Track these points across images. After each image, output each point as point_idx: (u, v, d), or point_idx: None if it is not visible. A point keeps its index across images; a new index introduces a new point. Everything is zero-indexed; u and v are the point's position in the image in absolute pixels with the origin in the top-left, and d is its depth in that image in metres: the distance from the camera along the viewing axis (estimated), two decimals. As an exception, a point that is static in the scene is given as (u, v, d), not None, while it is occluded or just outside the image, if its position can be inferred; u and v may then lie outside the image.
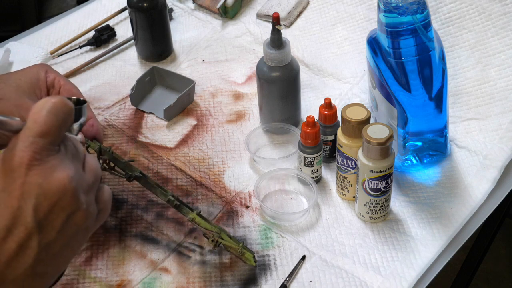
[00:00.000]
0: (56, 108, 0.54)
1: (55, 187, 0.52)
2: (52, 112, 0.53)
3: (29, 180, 0.52)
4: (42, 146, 0.53)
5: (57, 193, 0.52)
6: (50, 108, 0.53)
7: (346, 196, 0.89)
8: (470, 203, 0.87)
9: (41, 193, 0.52)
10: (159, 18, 1.10)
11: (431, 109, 0.87)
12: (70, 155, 0.55)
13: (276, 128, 0.98)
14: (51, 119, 0.53)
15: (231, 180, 0.93)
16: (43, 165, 0.52)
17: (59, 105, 0.54)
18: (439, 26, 1.05)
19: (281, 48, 0.92)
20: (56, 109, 0.54)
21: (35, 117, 0.53)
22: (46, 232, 0.52)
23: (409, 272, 0.80)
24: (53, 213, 0.52)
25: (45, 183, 0.52)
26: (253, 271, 0.81)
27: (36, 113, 0.53)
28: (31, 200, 0.51)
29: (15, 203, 0.51)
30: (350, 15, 1.15)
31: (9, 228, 0.51)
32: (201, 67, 1.14)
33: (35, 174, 0.52)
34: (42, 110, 0.53)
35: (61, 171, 0.53)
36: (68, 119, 0.55)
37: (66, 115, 0.55)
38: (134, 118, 1.04)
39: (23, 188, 0.51)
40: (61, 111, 0.54)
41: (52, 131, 0.53)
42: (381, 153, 0.79)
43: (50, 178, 0.52)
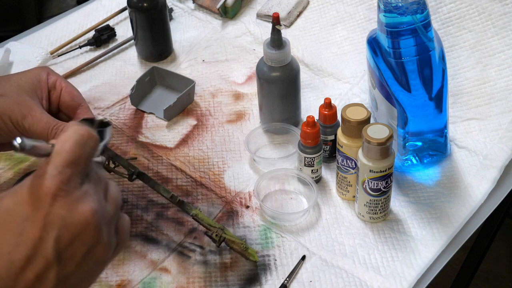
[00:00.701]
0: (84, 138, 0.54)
1: (78, 220, 0.52)
2: (80, 143, 0.54)
3: (53, 211, 0.52)
4: (70, 176, 0.53)
5: (79, 227, 0.52)
6: (78, 139, 0.54)
7: (346, 196, 0.89)
8: (470, 203, 0.87)
9: (64, 226, 0.52)
10: (159, 18, 1.10)
11: (431, 109, 0.87)
12: (94, 184, 0.55)
13: (276, 128, 0.98)
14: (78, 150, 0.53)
15: (231, 180, 0.93)
16: (68, 197, 0.52)
17: (86, 136, 0.55)
18: (439, 26, 1.05)
19: (281, 48, 0.92)
20: (83, 140, 0.54)
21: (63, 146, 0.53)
22: (65, 265, 0.52)
23: (409, 272, 0.80)
24: (74, 246, 0.52)
25: (68, 216, 0.52)
26: (253, 271, 0.81)
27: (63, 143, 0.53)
28: (54, 231, 0.51)
29: (37, 233, 0.51)
30: (350, 15, 1.15)
31: (29, 258, 0.51)
32: (201, 67, 1.14)
33: (60, 206, 0.52)
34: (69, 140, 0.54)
35: (85, 203, 0.53)
36: (94, 151, 0.56)
37: (94, 145, 0.55)
38: (134, 118, 1.04)
39: (47, 219, 0.51)
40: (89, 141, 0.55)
41: (80, 162, 0.53)
42: (381, 153, 0.79)
43: (74, 211, 0.52)
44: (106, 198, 0.57)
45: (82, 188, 0.54)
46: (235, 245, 0.80)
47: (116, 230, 0.57)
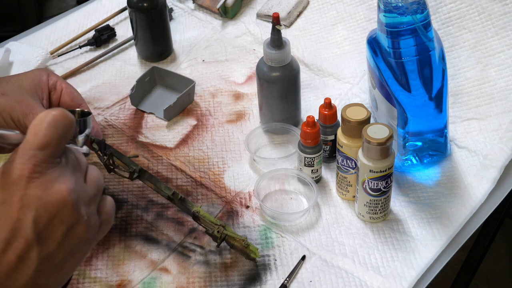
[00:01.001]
0: (56, 120, 0.54)
1: (54, 199, 0.52)
2: (52, 125, 0.53)
3: (29, 193, 0.52)
4: (42, 158, 0.53)
5: (56, 205, 0.52)
6: (50, 121, 0.54)
7: (346, 196, 0.89)
8: (470, 203, 0.87)
9: (41, 205, 0.52)
10: (159, 18, 1.10)
11: (431, 109, 0.87)
12: (72, 167, 0.55)
13: (276, 128, 0.98)
14: (51, 132, 0.53)
15: (231, 180, 0.93)
16: (43, 177, 0.52)
17: (59, 117, 0.54)
18: (439, 26, 1.05)
19: (281, 48, 0.92)
20: (56, 122, 0.54)
21: (35, 130, 0.53)
22: (46, 244, 0.52)
23: (409, 272, 0.80)
24: (53, 225, 0.52)
25: (44, 196, 0.52)
26: (253, 271, 0.81)
27: (36, 126, 0.53)
28: (31, 212, 0.52)
29: (15, 216, 0.51)
30: (350, 15, 1.15)
31: (9, 240, 0.51)
32: (201, 67, 1.14)
33: (35, 186, 0.52)
34: (42, 122, 0.53)
35: (61, 183, 0.53)
36: (69, 131, 0.55)
37: (67, 127, 0.55)
38: (134, 118, 1.04)
39: (23, 201, 0.52)
40: (62, 123, 0.54)
41: (52, 144, 0.53)
42: (381, 153, 0.79)
43: (50, 190, 0.52)
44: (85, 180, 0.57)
45: (57, 168, 0.54)
46: (237, 242, 0.80)
47: (99, 210, 0.57)
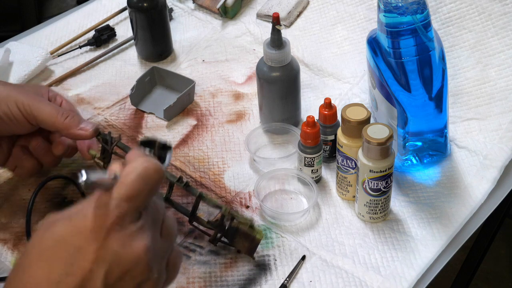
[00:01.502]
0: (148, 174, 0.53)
1: (130, 256, 0.52)
2: (143, 177, 0.52)
3: (107, 246, 0.51)
4: (126, 211, 0.52)
5: (131, 263, 0.52)
6: (142, 173, 0.52)
7: (346, 196, 0.89)
8: (470, 203, 0.87)
9: (115, 261, 0.51)
10: (159, 18, 1.10)
11: (431, 109, 0.87)
12: (151, 220, 0.54)
13: (276, 128, 0.98)
14: (140, 185, 0.52)
15: (231, 180, 0.93)
16: (123, 231, 0.52)
17: (152, 171, 0.53)
18: (439, 26, 1.05)
19: (281, 48, 0.91)
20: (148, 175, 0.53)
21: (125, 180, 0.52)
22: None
23: (409, 272, 0.80)
24: (124, 281, 0.52)
25: (121, 252, 0.51)
26: (253, 271, 0.81)
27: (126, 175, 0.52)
28: (105, 265, 0.51)
29: (88, 266, 0.51)
30: (350, 15, 1.15)
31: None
32: (201, 67, 1.14)
33: (114, 240, 0.51)
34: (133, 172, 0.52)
35: (139, 241, 0.52)
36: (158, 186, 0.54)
37: (157, 182, 0.54)
38: (134, 118, 1.04)
39: (99, 253, 0.51)
40: (153, 177, 0.53)
41: (139, 198, 0.52)
42: (381, 153, 0.79)
43: (127, 247, 0.52)
44: (161, 233, 0.56)
45: (138, 223, 0.53)
46: (242, 225, 0.79)
47: (167, 264, 0.57)
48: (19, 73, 1.08)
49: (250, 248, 0.81)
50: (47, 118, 0.79)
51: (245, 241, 0.80)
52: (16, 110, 0.80)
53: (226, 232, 0.80)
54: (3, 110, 0.79)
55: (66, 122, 0.80)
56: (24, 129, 0.82)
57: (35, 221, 0.87)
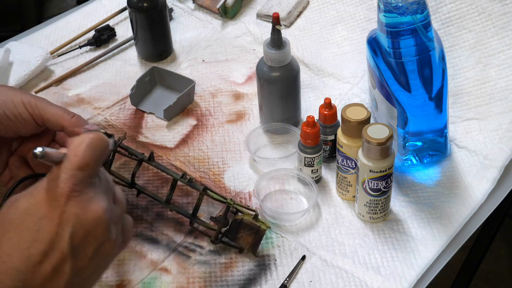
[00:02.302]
0: (95, 143, 0.59)
1: (91, 217, 0.57)
2: (90, 147, 0.58)
3: (68, 210, 0.56)
4: (81, 178, 0.57)
5: (92, 223, 0.57)
6: (89, 143, 0.58)
7: (346, 196, 0.89)
8: (470, 203, 0.87)
9: (78, 222, 0.56)
10: (159, 18, 1.10)
11: (431, 109, 0.87)
12: (104, 187, 0.60)
13: (276, 128, 0.98)
14: (89, 153, 0.58)
15: (231, 180, 0.93)
16: (81, 196, 0.57)
17: (97, 140, 0.59)
18: (439, 26, 1.05)
19: (281, 48, 0.92)
20: (94, 144, 0.59)
21: (75, 151, 0.58)
22: (79, 259, 0.57)
23: (409, 272, 0.80)
24: (87, 241, 0.57)
25: (82, 213, 0.57)
26: (253, 271, 0.81)
27: (76, 147, 0.58)
28: (69, 228, 0.56)
29: (53, 230, 0.56)
30: (350, 15, 1.15)
31: (46, 253, 0.55)
32: (201, 67, 1.14)
33: (74, 204, 0.56)
34: (82, 144, 0.58)
35: (97, 203, 0.58)
36: (105, 153, 0.60)
37: (103, 150, 0.60)
38: (134, 118, 1.04)
39: (62, 217, 0.56)
40: (99, 146, 0.59)
41: (91, 165, 0.58)
42: (381, 153, 0.79)
43: (87, 209, 0.57)
44: (114, 200, 0.62)
45: (94, 189, 0.58)
46: (246, 216, 0.80)
47: (122, 229, 0.62)
48: (19, 73, 1.08)
49: (254, 243, 0.81)
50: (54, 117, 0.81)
51: (249, 234, 0.81)
52: (23, 109, 0.80)
53: (230, 227, 0.81)
54: (10, 110, 0.80)
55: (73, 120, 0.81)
56: (30, 129, 0.82)
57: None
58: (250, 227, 0.80)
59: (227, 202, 0.81)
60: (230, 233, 0.81)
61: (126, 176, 0.87)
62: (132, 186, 0.86)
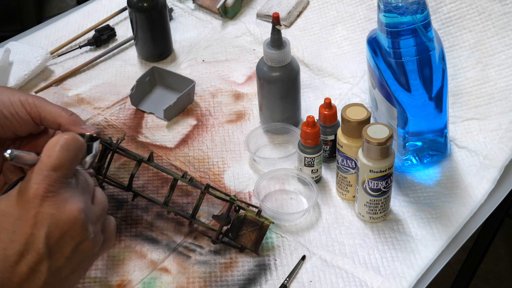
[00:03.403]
0: (68, 144, 0.59)
1: (66, 217, 0.57)
2: (64, 148, 0.59)
3: (43, 210, 0.57)
4: (56, 179, 0.58)
5: (67, 223, 0.57)
6: (63, 144, 0.59)
7: (346, 196, 0.89)
8: (470, 203, 0.87)
9: (53, 223, 0.57)
10: (159, 18, 1.10)
11: (431, 109, 0.87)
12: (81, 188, 0.61)
13: (276, 128, 0.98)
14: (63, 154, 0.59)
15: (231, 180, 0.93)
16: (56, 197, 0.57)
17: (71, 141, 0.60)
18: (439, 26, 1.05)
19: (281, 48, 0.92)
20: (68, 145, 0.59)
21: (49, 152, 0.58)
22: (55, 258, 0.57)
23: (409, 272, 0.80)
24: (63, 241, 0.57)
25: (57, 214, 0.57)
26: (253, 271, 0.81)
27: (50, 149, 0.59)
28: (44, 228, 0.56)
29: (28, 231, 0.56)
30: (350, 15, 1.15)
31: (22, 253, 0.56)
32: (201, 67, 1.14)
33: (49, 205, 0.57)
34: (56, 145, 0.59)
35: (72, 203, 0.58)
36: (79, 154, 0.61)
37: (78, 151, 0.60)
38: (134, 118, 1.04)
39: (37, 218, 0.57)
40: (73, 146, 0.60)
41: (65, 166, 0.58)
42: (381, 153, 0.79)
43: (62, 209, 0.57)
44: (93, 201, 0.62)
45: (70, 189, 0.59)
46: (249, 213, 0.81)
47: (103, 229, 0.62)
48: (19, 73, 1.08)
49: (257, 239, 0.81)
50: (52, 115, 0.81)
51: (252, 231, 0.81)
52: (21, 108, 0.80)
53: (232, 224, 0.81)
54: (8, 109, 0.80)
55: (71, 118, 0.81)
56: (28, 128, 0.82)
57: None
58: (254, 223, 0.81)
59: (230, 199, 0.81)
60: (232, 231, 0.82)
61: (126, 176, 0.87)
62: (129, 189, 0.85)
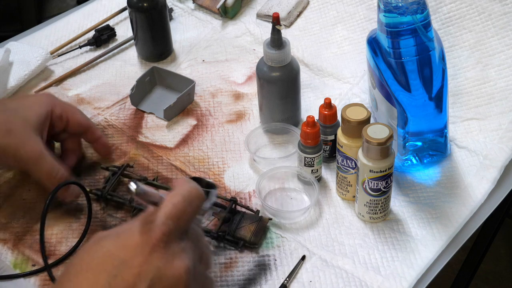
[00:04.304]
0: (192, 196, 0.57)
1: (171, 274, 0.54)
2: (187, 199, 0.57)
3: (150, 261, 0.54)
4: (171, 229, 0.55)
5: (172, 281, 0.54)
6: (187, 195, 0.57)
7: (346, 196, 0.89)
8: (470, 203, 0.87)
9: (158, 277, 0.54)
10: (159, 18, 1.10)
11: (431, 109, 0.87)
12: (193, 244, 0.58)
13: (276, 128, 0.98)
14: (185, 206, 0.56)
15: (231, 180, 0.93)
16: (166, 249, 0.55)
17: (194, 194, 0.58)
18: (439, 26, 1.05)
19: (281, 48, 0.91)
20: (191, 197, 0.57)
21: (172, 200, 0.56)
22: None
23: (409, 272, 0.80)
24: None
25: (163, 268, 0.54)
26: (253, 271, 0.81)
27: (173, 197, 0.57)
28: (147, 281, 0.53)
29: (131, 280, 0.53)
30: (350, 15, 1.15)
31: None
32: (201, 67, 1.14)
33: (157, 257, 0.54)
34: (179, 195, 0.57)
35: (181, 260, 0.55)
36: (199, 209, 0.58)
37: (199, 205, 0.58)
38: (134, 118, 1.04)
39: (142, 268, 0.53)
40: (196, 200, 0.58)
41: (184, 218, 0.56)
42: (381, 153, 0.79)
43: (170, 264, 0.54)
44: (200, 259, 0.59)
45: (182, 243, 0.56)
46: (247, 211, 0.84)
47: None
48: (19, 73, 1.08)
49: (257, 231, 0.82)
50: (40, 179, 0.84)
51: (251, 224, 0.83)
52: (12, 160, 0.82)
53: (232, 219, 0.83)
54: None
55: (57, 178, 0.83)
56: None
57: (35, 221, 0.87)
58: (253, 217, 0.84)
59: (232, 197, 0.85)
60: (232, 226, 0.83)
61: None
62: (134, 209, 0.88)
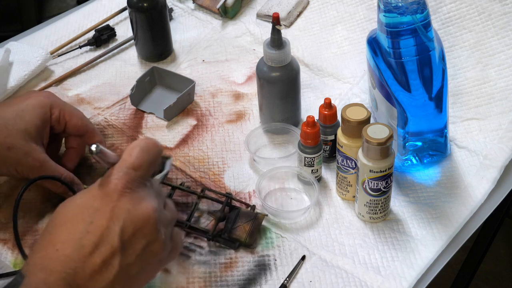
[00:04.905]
0: (148, 146, 0.63)
1: (141, 214, 0.60)
2: (144, 150, 0.62)
3: (120, 205, 0.60)
4: (134, 177, 0.61)
5: (142, 220, 0.60)
6: (143, 146, 0.63)
7: (346, 196, 0.89)
8: (470, 203, 0.87)
9: (128, 218, 0.59)
10: (159, 18, 1.10)
11: (431, 109, 0.87)
12: (155, 192, 0.63)
13: (276, 128, 0.98)
14: (143, 156, 0.62)
15: (231, 180, 0.93)
16: (133, 194, 0.61)
17: (151, 145, 0.63)
18: (439, 26, 1.05)
19: (281, 48, 0.91)
20: (148, 148, 0.63)
21: (130, 152, 0.62)
22: (127, 254, 0.59)
23: (409, 272, 0.80)
24: (136, 237, 0.60)
25: (133, 210, 0.60)
26: (253, 271, 0.81)
27: (131, 149, 0.62)
28: (119, 222, 0.59)
29: (105, 223, 0.59)
30: (350, 15, 1.15)
31: (97, 244, 0.58)
32: (201, 67, 1.14)
33: (125, 200, 0.60)
34: (137, 146, 0.62)
35: (147, 202, 0.61)
36: (157, 158, 0.64)
37: (156, 154, 0.64)
38: (134, 118, 1.04)
39: (114, 211, 0.59)
40: (153, 150, 0.63)
41: (143, 166, 0.62)
42: (381, 153, 0.79)
43: (138, 206, 0.60)
44: (164, 207, 0.65)
45: (146, 189, 0.62)
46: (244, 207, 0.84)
47: (171, 237, 0.64)
48: (19, 73, 1.08)
49: (252, 230, 0.82)
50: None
51: (247, 223, 0.83)
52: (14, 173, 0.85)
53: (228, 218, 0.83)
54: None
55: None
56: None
57: (35, 221, 0.87)
58: (248, 215, 0.84)
59: (226, 193, 0.85)
60: (227, 225, 0.83)
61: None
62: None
